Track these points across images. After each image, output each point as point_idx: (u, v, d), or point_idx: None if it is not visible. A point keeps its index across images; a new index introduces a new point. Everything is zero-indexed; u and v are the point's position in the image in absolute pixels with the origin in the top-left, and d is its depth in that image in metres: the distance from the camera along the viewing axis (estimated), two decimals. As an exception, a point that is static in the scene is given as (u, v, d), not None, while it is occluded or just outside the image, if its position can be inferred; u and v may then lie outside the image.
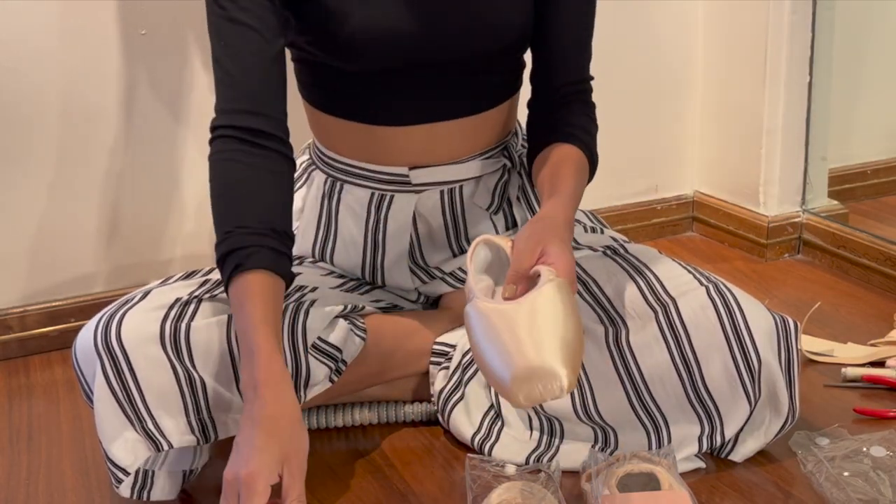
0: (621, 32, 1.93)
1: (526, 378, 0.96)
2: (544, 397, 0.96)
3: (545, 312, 0.98)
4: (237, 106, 1.14)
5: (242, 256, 1.08)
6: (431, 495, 1.17)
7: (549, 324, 0.98)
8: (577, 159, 1.22)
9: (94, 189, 1.65)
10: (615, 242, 1.31)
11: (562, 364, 0.96)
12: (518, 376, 0.96)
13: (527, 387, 0.96)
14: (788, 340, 1.14)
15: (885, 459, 1.15)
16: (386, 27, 1.18)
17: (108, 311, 1.13)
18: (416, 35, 1.19)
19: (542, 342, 0.97)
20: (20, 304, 1.65)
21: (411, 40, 1.19)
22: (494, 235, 1.14)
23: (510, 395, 0.97)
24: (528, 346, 0.97)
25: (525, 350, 0.96)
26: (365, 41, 1.18)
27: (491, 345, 0.99)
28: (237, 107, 1.14)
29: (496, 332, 0.99)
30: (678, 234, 2.10)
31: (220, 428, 1.14)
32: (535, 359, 0.96)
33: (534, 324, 0.98)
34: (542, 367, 0.95)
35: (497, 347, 0.98)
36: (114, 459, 1.10)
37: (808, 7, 1.81)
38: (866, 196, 2.11)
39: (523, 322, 0.98)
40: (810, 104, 1.87)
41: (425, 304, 1.39)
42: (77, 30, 1.57)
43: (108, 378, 1.09)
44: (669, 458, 1.12)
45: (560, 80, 1.28)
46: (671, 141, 2.06)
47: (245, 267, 1.08)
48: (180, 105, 1.67)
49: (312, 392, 1.19)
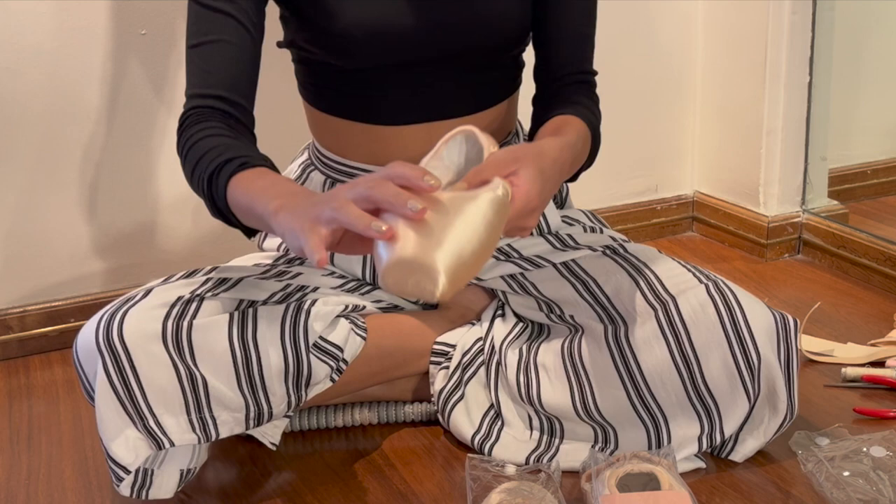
0: (621, 32, 1.93)
1: (405, 265, 0.89)
2: (412, 292, 0.91)
3: (464, 217, 0.91)
4: (211, 92, 1.15)
5: (234, 165, 1.07)
6: (431, 495, 1.17)
7: (458, 229, 0.91)
8: (579, 126, 1.20)
9: (93, 189, 1.65)
10: (615, 242, 1.31)
11: (446, 271, 0.89)
12: (399, 260, 0.89)
13: (401, 274, 0.90)
14: (788, 338, 1.14)
15: (885, 459, 1.15)
16: (380, 21, 1.18)
17: (109, 308, 1.12)
18: (412, 29, 1.19)
19: (441, 242, 0.90)
20: (20, 304, 1.65)
21: (407, 34, 1.19)
22: (483, 133, 1.06)
23: (383, 274, 0.90)
24: (426, 237, 0.90)
25: (421, 239, 0.90)
26: (360, 36, 1.18)
27: (394, 218, 0.91)
28: (211, 93, 1.15)
29: None
30: (678, 234, 2.10)
31: (222, 426, 1.14)
32: (423, 253, 0.89)
33: (445, 220, 0.91)
34: (424, 263, 0.89)
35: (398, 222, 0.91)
36: (115, 458, 1.10)
37: (808, 7, 1.81)
38: (866, 196, 2.11)
39: (438, 213, 0.91)
40: (810, 104, 1.88)
41: (425, 305, 1.39)
42: (77, 30, 1.57)
43: (109, 376, 1.09)
44: (669, 458, 1.12)
45: (562, 70, 1.27)
46: (671, 141, 2.06)
47: (239, 168, 1.07)
48: (180, 105, 1.66)
49: (313, 391, 1.19)
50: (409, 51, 1.21)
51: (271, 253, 1.35)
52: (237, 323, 1.14)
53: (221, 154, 1.09)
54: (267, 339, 1.14)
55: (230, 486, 1.22)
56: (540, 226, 1.33)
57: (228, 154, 1.08)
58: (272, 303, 1.18)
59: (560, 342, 1.24)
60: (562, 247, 1.31)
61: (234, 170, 1.07)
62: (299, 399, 1.18)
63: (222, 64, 1.15)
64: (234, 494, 1.20)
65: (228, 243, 1.73)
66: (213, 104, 1.15)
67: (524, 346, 1.28)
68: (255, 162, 1.08)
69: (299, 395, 1.17)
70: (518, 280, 1.32)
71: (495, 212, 0.94)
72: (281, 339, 1.15)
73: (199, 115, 1.15)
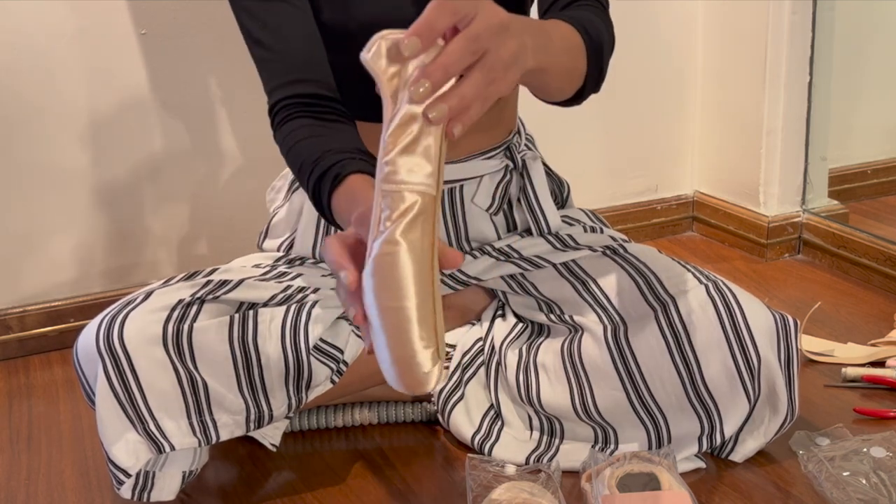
0: (621, 32, 1.91)
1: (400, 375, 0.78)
2: (423, 389, 0.78)
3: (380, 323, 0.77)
4: (289, 78, 1.15)
5: (339, 167, 1.03)
6: (431, 495, 1.17)
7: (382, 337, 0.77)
8: (565, 27, 1.03)
9: (93, 189, 1.65)
10: (615, 242, 1.31)
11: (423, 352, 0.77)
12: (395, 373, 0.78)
13: (405, 382, 0.78)
14: (788, 338, 1.14)
15: (886, 460, 1.15)
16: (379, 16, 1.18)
17: (110, 311, 1.12)
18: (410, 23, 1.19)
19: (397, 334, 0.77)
20: (20, 304, 1.65)
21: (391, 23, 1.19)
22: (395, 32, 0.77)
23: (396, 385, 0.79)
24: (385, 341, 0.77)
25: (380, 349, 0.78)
26: (355, 30, 1.18)
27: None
28: (289, 79, 1.15)
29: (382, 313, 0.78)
30: (678, 234, 2.10)
31: (222, 429, 1.14)
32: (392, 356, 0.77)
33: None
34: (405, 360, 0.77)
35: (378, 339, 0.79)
36: (115, 461, 1.10)
37: (808, 7, 1.81)
38: (866, 196, 2.11)
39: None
40: (810, 104, 1.87)
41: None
42: (77, 30, 1.57)
43: (110, 379, 1.09)
44: (669, 458, 1.12)
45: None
46: (671, 141, 2.06)
47: (343, 174, 1.02)
48: (180, 105, 1.67)
49: (314, 393, 1.19)
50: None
51: (272, 253, 1.36)
52: (237, 325, 1.14)
53: (314, 169, 1.05)
54: (267, 341, 1.14)
55: (230, 486, 1.22)
56: (540, 226, 1.33)
57: (320, 168, 1.04)
58: (273, 305, 1.18)
59: (560, 342, 1.24)
60: (562, 247, 1.31)
61: (329, 190, 1.03)
62: (300, 401, 1.18)
63: (290, 47, 1.15)
64: (234, 494, 1.20)
65: (228, 243, 1.73)
66: (296, 90, 1.14)
67: (524, 346, 1.28)
68: (345, 171, 1.02)
69: (300, 398, 1.17)
70: (518, 280, 1.32)
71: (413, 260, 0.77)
72: (281, 342, 1.15)
73: (286, 108, 1.14)
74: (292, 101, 1.14)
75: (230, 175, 1.73)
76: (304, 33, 1.16)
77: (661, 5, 1.95)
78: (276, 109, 1.16)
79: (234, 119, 1.69)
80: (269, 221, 1.40)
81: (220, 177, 1.72)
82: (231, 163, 1.72)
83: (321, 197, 1.06)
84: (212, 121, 1.68)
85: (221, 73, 1.67)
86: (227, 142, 1.71)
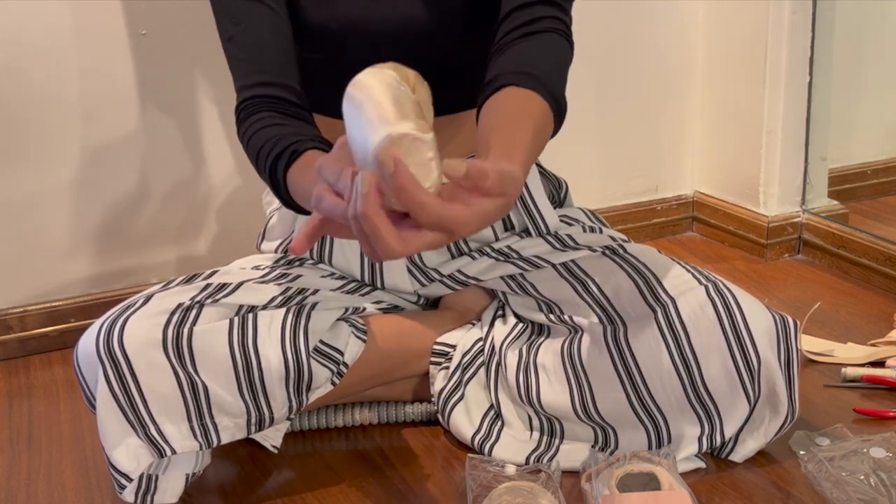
0: (621, 32, 1.93)
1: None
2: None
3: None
4: (258, 79, 1.16)
5: (296, 145, 1.07)
6: (431, 495, 1.17)
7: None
8: (539, 110, 1.05)
9: (93, 189, 1.65)
10: (614, 242, 1.31)
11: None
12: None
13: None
14: (788, 339, 1.14)
15: (886, 460, 1.15)
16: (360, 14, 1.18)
17: (109, 316, 1.12)
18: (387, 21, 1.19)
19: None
20: (20, 304, 1.65)
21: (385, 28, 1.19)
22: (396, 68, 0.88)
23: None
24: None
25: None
26: (336, 28, 1.18)
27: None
28: (258, 80, 1.16)
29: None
30: (678, 234, 2.10)
31: (223, 432, 1.14)
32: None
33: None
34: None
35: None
36: (116, 465, 1.10)
37: (808, 7, 1.81)
38: (866, 196, 2.11)
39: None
40: (810, 104, 1.88)
41: (426, 305, 1.39)
42: (77, 30, 1.57)
43: (110, 384, 1.09)
44: (669, 458, 1.12)
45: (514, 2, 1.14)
46: (671, 141, 2.06)
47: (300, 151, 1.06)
48: (180, 105, 1.67)
49: (314, 395, 1.19)
50: (388, 43, 1.20)
51: (270, 255, 1.35)
52: (237, 328, 1.14)
53: (272, 150, 1.09)
54: (267, 344, 1.14)
55: (230, 486, 1.22)
56: (539, 226, 1.33)
57: (278, 148, 1.08)
58: (272, 307, 1.18)
59: (560, 343, 1.24)
60: (561, 247, 1.31)
61: (286, 165, 1.07)
62: (300, 403, 1.18)
63: (260, 48, 1.16)
64: (234, 494, 1.20)
65: (228, 244, 1.73)
66: (261, 92, 1.16)
67: (524, 346, 1.28)
68: (302, 147, 1.07)
69: (300, 400, 1.17)
70: (518, 280, 1.32)
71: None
72: (281, 344, 1.15)
73: (250, 106, 1.16)
74: (258, 101, 1.16)
75: (230, 175, 1.73)
76: (276, 35, 1.17)
77: (661, 5, 1.95)
78: (241, 107, 1.17)
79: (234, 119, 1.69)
80: (267, 224, 1.40)
81: (220, 177, 1.72)
82: (231, 163, 1.72)
83: (277, 172, 1.07)
84: (212, 121, 1.68)
85: (222, 74, 1.66)
86: (227, 142, 1.71)
